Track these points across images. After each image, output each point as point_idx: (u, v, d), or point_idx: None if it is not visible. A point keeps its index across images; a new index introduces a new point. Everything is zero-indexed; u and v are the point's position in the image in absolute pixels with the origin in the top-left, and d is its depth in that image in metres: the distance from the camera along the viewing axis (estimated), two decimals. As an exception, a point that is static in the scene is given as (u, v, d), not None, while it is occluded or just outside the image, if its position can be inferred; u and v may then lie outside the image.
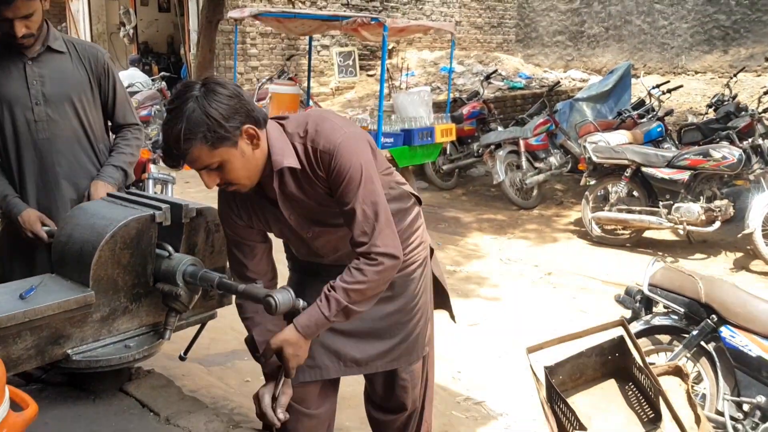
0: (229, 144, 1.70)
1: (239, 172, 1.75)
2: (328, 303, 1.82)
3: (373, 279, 1.83)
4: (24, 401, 1.37)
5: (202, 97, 1.66)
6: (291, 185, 1.84)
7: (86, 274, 2.04)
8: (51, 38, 2.59)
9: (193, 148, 1.66)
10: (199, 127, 1.65)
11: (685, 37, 13.79)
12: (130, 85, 10.32)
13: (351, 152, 1.80)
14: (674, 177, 6.32)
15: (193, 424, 2.02)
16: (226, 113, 1.67)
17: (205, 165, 1.72)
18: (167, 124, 1.68)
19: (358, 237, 1.82)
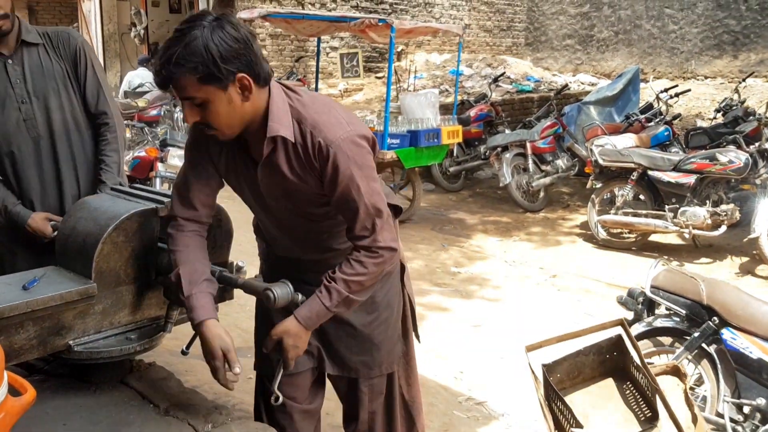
0: (218, 85, 1.64)
1: (221, 118, 1.69)
2: (329, 294, 1.83)
3: (373, 271, 1.85)
4: (22, 386, 1.39)
5: (208, 29, 1.62)
6: (281, 157, 1.79)
7: (89, 266, 2.06)
8: (24, 31, 2.55)
9: (181, 76, 1.62)
10: (194, 57, 1.60)
11: (695, 42, 13.76)
12: (139, 85, 10.37)
13: (353, 146, 1.77)
14: (680, 181, 6.31)
15: (192, 416, 2.03)
16: (226, 54, 1.62)
17: (189, 96, 1.66)
18: (168, 42, 1.65)
19: (360, 231, 1.82)
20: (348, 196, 1.78)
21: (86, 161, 2.71)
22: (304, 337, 1.88)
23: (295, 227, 1.99)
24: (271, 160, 1.80)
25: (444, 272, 5.94)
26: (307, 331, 1.88)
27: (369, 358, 2.12)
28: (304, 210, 1.92)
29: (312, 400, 2.18)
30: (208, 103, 1.66)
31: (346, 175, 1.76)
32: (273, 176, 1.83)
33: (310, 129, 1.76)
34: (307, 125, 1.76)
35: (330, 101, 1.90)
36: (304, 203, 1.89)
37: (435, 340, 4.47)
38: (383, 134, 6.54)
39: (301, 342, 1.88)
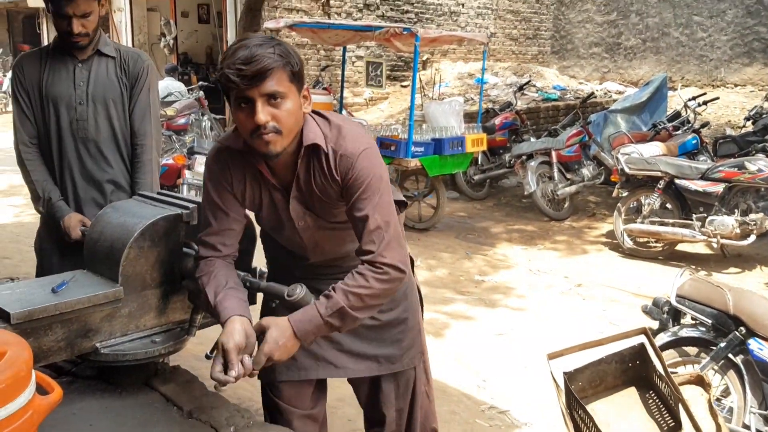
0: (298, 87, 1.76)
1: (290, 119, 1.75)
2: (327, 301, 1.79)
3: (375, 287, 1.80)
4: (50, 386, 1.43)
5: (282, 42, 1.76)
6: (310, 168, 1.86)
7: (116, 270, 2.11)
8: (102, 43, 2.74)
9: (279, 68, 1.69)
10: (289, 56, 1.72)
11: (724, 50, 13.59)
12: (168, 94, 10.53)
13: (372, 161, 1.84)
14: (708, 189, 6.23)
15: (214, 418, 2.06)
16: (302, 63, 1.79)
17: (273, 91, 1.69)
18: (251, 46, 1.68)
19: (366, 245, 1.81)
20: (361, 204, 1.81)
21: (123, 173, 2.84)
22: (290, 343, 1.78)
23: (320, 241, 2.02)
24: (302, 171, 1.86)
25: (468, 281, 5.93)
26: (295, 338, 1.79)
27: (391, 352, 2.12)
28: (329, 220, 1.96)
29: (314, 405, 2.19)
30: (286, 100, 1.73)
31: (365, 183, 1.81)
32: (301, 191, 1.90)
33: (333, 143, 1.84)
34: (330, 140, 1.84)
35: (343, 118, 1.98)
36: (329, 215, 1.94)
37: (458, 349, 4.46)
38: (407, 142, 6.56)
39: (285, 346, 1.77)
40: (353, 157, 1.81)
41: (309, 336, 1.80)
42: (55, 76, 2.68)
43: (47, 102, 2.68)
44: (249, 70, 1.65)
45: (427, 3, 13.72)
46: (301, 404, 2.16)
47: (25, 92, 2.69)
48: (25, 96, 2.70)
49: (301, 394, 2.15)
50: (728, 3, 13.50)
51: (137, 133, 2.81)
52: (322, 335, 1.87)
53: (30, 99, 2.70)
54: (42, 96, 2.68)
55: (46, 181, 2.74)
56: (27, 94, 2.70)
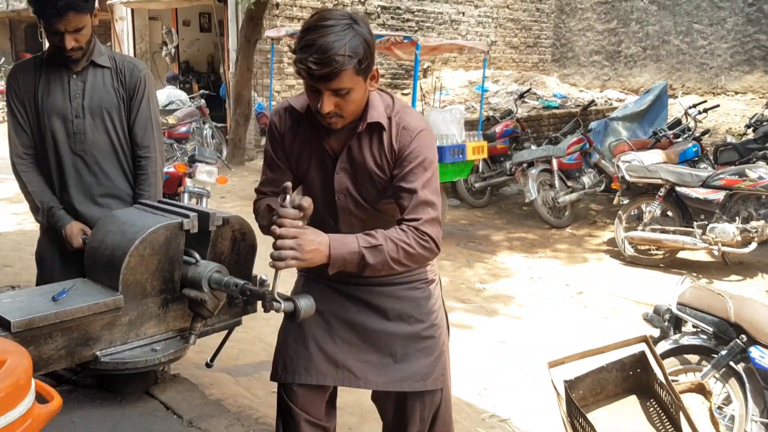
0: (364, 76, 1.80)
1: (353, 106, 1.82)
2: (367, 235, 1.81)
3: (414, 246, 1.82)
4: (49, 394, 1.43)
5: (355, 26, 1.75)
6: (366, 143, 1.91)
7: (116, 279, 2.11)
8: (96, 53, 2.68)
9: (346, 69, 1.72)
10: (359, 49, 1.73)
11: (724, 57, 13.62)
12: (169, 102, 10.56)
13: (430, 143, 1.92)
14: (709, 197, 6.22)
15: (214, 427, 2.06)
16: (372, 46, 1.79)
17: (339, 88, 1.76)
18: (323, 38, 1.70)
19: (412, 214, 1.84)
20: (412, 177, 1.86)
21: (122, 184, 2.80)
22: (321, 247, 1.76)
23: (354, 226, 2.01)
24: (356, 146, 1.91)
25: (469, 289, 5.93)
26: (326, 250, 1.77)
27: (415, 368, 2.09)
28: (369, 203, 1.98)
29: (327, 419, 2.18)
30: (351, 92, 1.78)
31: (419, 158, 1.87)
32: (351, 164, 1.94)
33: (397, 118, 1.91)
34: (394, 113, 1.91)
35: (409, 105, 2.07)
36: (372, 196, 1.97)
37: (459, 357, 4.45)
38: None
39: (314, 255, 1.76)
40: (414, 131, 1.88)
41: (338, 258, 1.79)
42: (50, 88, 2.63)
43: (43, 114, 2.64)
44: (318, 72, 1.72)
45: (428, 12, 13.77)
46: (314, 412, 2.14)
47: (20, 103, 2.65)
48: (20, 107, 2.66)
49: (314, 402, 2.14)
50: (728, 11, 13.54)
51: (140, 145, 2.78)
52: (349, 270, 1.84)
53: (25, 110, 2.66)
54: (37, 108, 2.64)
55: (44, 192, 2.70)
56: (22, 105, 2.65)
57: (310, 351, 2.01)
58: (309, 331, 2.08)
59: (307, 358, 2.03)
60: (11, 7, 17.61)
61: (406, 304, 2.07)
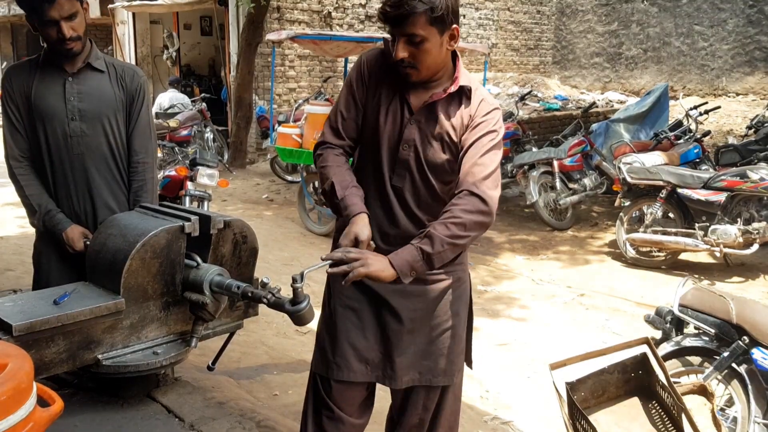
0: (440, 28, 1.88)
1: (428, 58, 1.91)
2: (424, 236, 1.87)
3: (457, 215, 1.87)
4: (51, 398, 1.43)
5: None
6: (447, 107, 2.00)
7: (117, 282, 2.11)
8: (93, 57, 2.67)
9: (420, 13, 1.83)
10: (435, 1, 1.83)
11: (725, 59, 13.61)
12: (171, 106, 10.57)
13: (500, 120, 2.02)
14: (710, 198, 6.21)
15: (215, 430, 2.06)
16: (454, 5, 1.89)
17: (412, 33, 1.86)
18: None
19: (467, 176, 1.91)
20: (482, 145, 1.94)
21: (117, 188, 2.77)
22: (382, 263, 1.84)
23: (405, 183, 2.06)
24: (438, 106, 1.99)
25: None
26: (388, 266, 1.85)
27: (433, 364, 2.14)
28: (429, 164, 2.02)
29: (360, 416, 2.20)
30: (424, 41, 1.88)
31: (489, 132, 1.96)
32: (426, 121, 2.01)
33: (477, 92, 2.02)
34: (474, 88, 2.02)
35: None
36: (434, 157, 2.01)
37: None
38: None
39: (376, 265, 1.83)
40: (491, 106, 2.01)
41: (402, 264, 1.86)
42: (45, 90, 2.62)
43: (37, 116, 2.62)
44: (391, 14, 1.86)
45: (428, 14, 13.76)
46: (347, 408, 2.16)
47: (15, 105, 2.63)
48: (14, 109, 2.64)
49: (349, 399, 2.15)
50: (729, 12, 13.54)
51: (138, 151, 2.76)
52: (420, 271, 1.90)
53: (20, 112, 2.64)
54: (31, 110, 2.62)
55: (42, 195, 2.68)
56: (17, 107, 2.63)
57: (343, 348, 2.07)
58: (342, 328, 2.11)
59: (340, 355, 2.08)
60: (13, 11, 17.65)
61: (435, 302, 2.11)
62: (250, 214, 8.19)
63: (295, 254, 6.40)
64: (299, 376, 3.71)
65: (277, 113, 9.60)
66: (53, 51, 2.59)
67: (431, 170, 2.03)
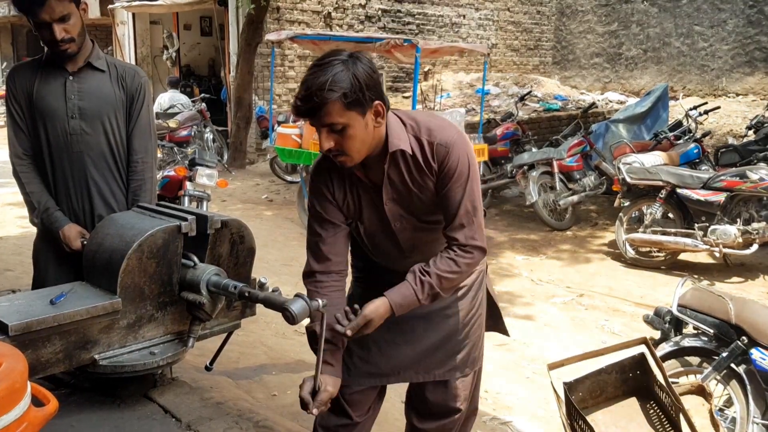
0: (360, 111, 1.80)
1: (356, 143, 1.84)
2: (422, 287, 1.92)
3: (464, 270, 1.95)
4: (45, 397, 1.43)
5: (350, 62, 1.78)
6: (400, 170, 1.94)
7: (114, 282, 2.11)
8: (94, 56, 2.68)
9: (331, 101, 1.75)
10: (344, 84, 1.75)
11: (725, 59, 13.61)
12: (171, 106, 10.57)
13: (464, 150, 1.93)
14: (710, 199, 6.21)
15: (212, 430, 2.06)
16: (368, 82, 1.80)
17: (331, 123, 1.79)
18: (312, 76, 1.77)
19: (457, 229, 1.93)
20: (456, 190, 1.92)
21: (116, 187, 2.77)
22: (386, 315, 1.93)
23: (416, 244, 2.08)
24: (390, 176, 1.95)
25: (470, 291, 5.90)
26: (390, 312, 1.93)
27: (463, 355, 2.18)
28: (425, 220, 2.04)
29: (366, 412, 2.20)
30: (347, 128, 1.81)
31: (459, 168, 1.91)
32: (394, 194, 1.98)
33: (426, 136, 1.93)
34: (422, 134, 1.93)
35: (430, 112, 2.07)
36: (426, 212, 2.02)
37: (459, 359, 4.44)
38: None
39: (382, 316, 1.92)
40: (449, 145, 1.91)
41: (402, 310, 1.94)
42: (46, 89, 2.63)
43: (38, 114, 2.64)
44: (303, 108, 1.79)
45: (428, 14, 13.78)
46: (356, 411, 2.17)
47: (18, 105, 2.65)
48: (18, 108, 2.66)
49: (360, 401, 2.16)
50: (729, 13, 13.54)
51: (138, 150, 2.76)
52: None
53: (23, 110, 2.66)
54: (33, 108, 2.64)
55: (42, 192, 2.69)
56: (20, 106, 2.66)
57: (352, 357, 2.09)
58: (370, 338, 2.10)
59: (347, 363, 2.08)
60: (13, 12, 17.66)
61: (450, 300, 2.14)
62: (250, 214, 8.18)
63: (294, 254, 6.39)
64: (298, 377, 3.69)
65: (276, 113, 9.60)
66: (51, 50, 2.60)
67: (430, 222, 2.05)
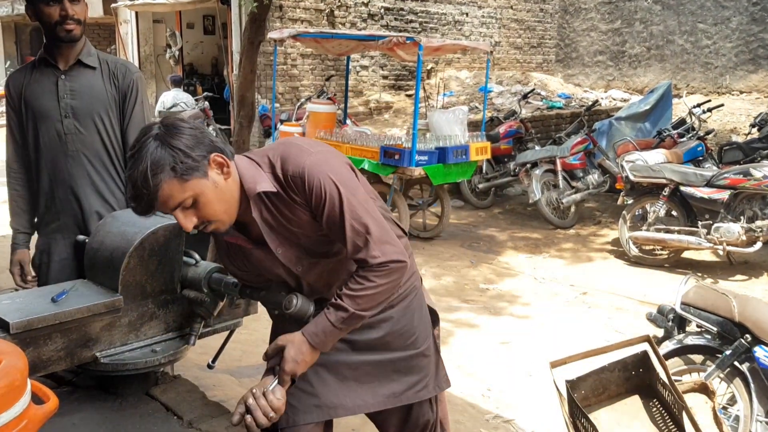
0: (199, 175, 1.62)
1: (215, 206, 1.67)
2: (336, 311, 1.75)
3: (381, 283, 1.75)
4: (45, 395, 1.43)
5: (162, 135, 1.61)
6: (273, 212, 1.76)
7: (116, 280, 2.11)
8: (85, 53, 2.64)
9: (163, 183, 1.58)
10: (165, 160, 1.58)
11: (729, 57, 13.56)
12: (174, 105, 10.57)
13: (321, 171, 1.71)
14: (713, 196, 6.19)
15: (214, 428, 2.06)
16: (190, 143, 1.62)
17: (179, 203, 1.62)
18: (131, 169, 1.59)
19: (354, 253, 1.75)
20: (333, 215, 1.72)
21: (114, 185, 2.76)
22: (308, 356, 1.78)
23: (329, 280, 1.92)
24: (266, 222, 1.77)
25: (473, 289, 5.91)
26: (313, 350, 1.78)
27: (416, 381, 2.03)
28: (324, 253, 1.87)
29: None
30: (198, 197, 1.64)
31: (324, 193, 1.71)
32: (280, 239, 1.81)
33: (280, 169, 1.73)
34: (277, 167, 1.74)
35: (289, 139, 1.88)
36: (320, 246, 1.85)
37: (463, 357, 4.44)
38: (411, 151, 6.56)
39: (303, 358, 1.77)
40: (302, 174, 1.70)
41: (327, 345, 1.79)
42: (38, 89, 2.61)
43: (32, 115, 2.61)
44: (140, 208, 1.63)
45: (431, 13, 13.75)
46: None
47: (14, 110, 2.65)
48: (14, 114, 2.65)
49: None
50: (733, 10, 13.49)
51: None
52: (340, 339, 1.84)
53: (16, 114, 2.65)
54: (26, 109, 2.62)
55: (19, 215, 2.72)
56: (14, 110, 2.65)
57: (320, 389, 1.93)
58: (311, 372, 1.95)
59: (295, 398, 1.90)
60: (17, 10, 17.69)
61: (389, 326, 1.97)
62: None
63: (297, 253, 6.39)
64: (300, 375, 3.69)
65: (279, 112, 9.59)
66: (50, 38, 2.57)
67: (330, 254, 1.87)
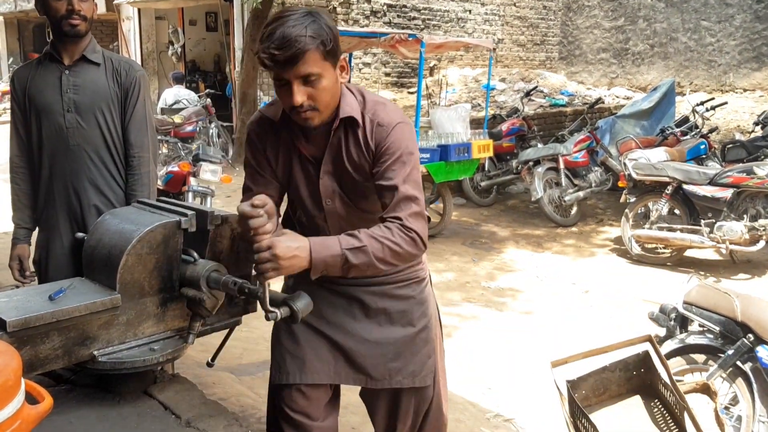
0: (333, 62, 1.76)
1: (327, 95, 1.77)
2: (350, 236, 1.74)
3: (400, 243, 1.76)
4: (40, 395, 1.41)
5: (315, 14, 1.74)
6: (341, 140, 1.87)
7: (113, 278, 2.09)
8: (90, 49, 2.68)
9: (312, 49, 1.69)
10: (321, 32, 1.71)
11: (732, 55, 13.51)
12: (176, 102, 10.56)
13: (407, 135, 1.86)
14: (716, 195, 6.17)
15: (212, 427, 2.05)
16: (336, 34, 1.76)
17: (308, 73, 1.72)
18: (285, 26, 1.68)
19: (394, 211, 1.79)
20: (391, 174, 1.81)
21: (113, 181, 2.77)
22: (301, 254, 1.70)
23: (344, 227, 1.93)
24: (333, 145, 1.87)
25: (475, 286, 5.90)
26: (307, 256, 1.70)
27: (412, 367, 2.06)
28: (357, 204, 1.95)
29: (326, 417, 2.10)
30: (321, 79, 1.74)
31: (397, 152, 1.82)
32: (333, 165, 1.90)
33: (370, 114, 1.86)
34: (367, 110, 1.87)
35: (382, 97, 1.99)
36: (358, 195, 1.93)
37: (464, 355, 4.43)
38: (413, 148, 6.52)
39: (294, 254, 1.69)
40: (389, 126, 1.84)
41: (320, 262, 1.72)
42: (41, 83, 2.63)
43: (35, 109, 2.64)
44: (281, 56, 1.68)
45: (434, 10, 13.72)
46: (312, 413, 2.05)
47: (18, 105, 2.67)
48: (18, 109, 2.68)
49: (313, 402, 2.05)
50: (736, 8, 13.43)
51: (134, 144, 2.74)
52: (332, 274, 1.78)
53: (20, 109, 2.67)
54: (30, 103, 2.65)
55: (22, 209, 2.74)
56: (18, 106, 2.68)
57: (303, 352, 1.98)
58: (300, 334, 2.04)
59: (300, 358, 1.98)
60: (19, 7, 17.69)
61: (398, 304, 2.04)
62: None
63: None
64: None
65: (281, 109, 9.55)
66: (56, 33, 2.59)
67: (361, 207, 1.96)
